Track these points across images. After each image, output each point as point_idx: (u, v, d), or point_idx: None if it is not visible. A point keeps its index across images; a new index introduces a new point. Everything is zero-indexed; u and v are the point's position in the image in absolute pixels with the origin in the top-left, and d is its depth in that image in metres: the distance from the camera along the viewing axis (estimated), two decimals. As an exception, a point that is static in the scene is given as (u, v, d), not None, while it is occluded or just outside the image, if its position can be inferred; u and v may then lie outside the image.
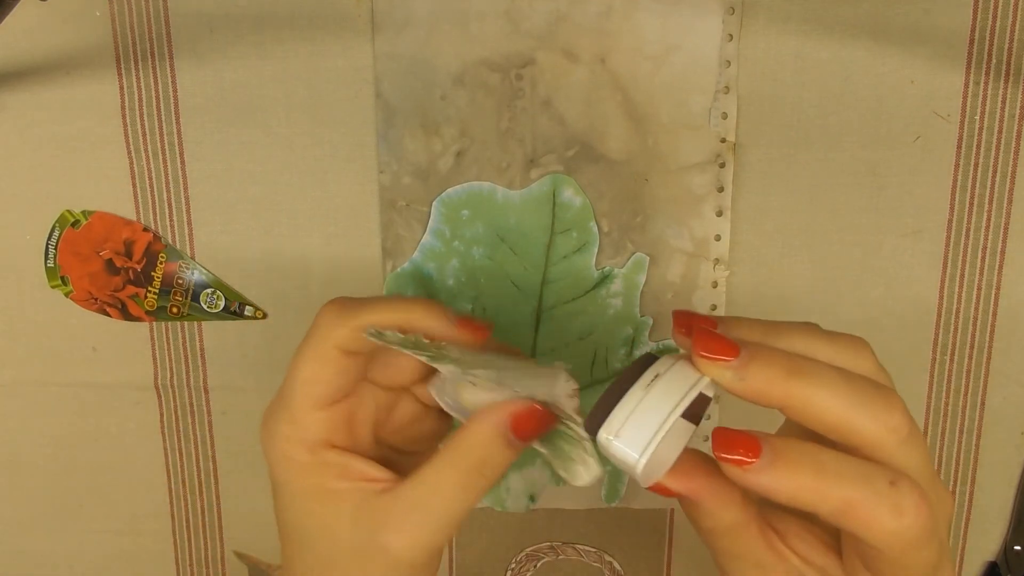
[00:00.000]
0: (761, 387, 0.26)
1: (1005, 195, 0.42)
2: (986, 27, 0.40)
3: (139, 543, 0.49)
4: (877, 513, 0.24)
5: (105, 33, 0.41)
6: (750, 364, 0.26)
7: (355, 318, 0.30)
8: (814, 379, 0.25)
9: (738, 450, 0.25)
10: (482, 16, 0.40)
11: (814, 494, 0.25)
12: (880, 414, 0.25)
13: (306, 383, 0.30)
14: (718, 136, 0.41)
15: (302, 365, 0.30)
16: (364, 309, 0.30)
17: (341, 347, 0.30)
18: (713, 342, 0.26)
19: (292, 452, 0.30)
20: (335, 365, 0.30)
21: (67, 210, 0.44)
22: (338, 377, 0.30)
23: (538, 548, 0.48)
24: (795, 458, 0.25)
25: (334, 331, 0.30)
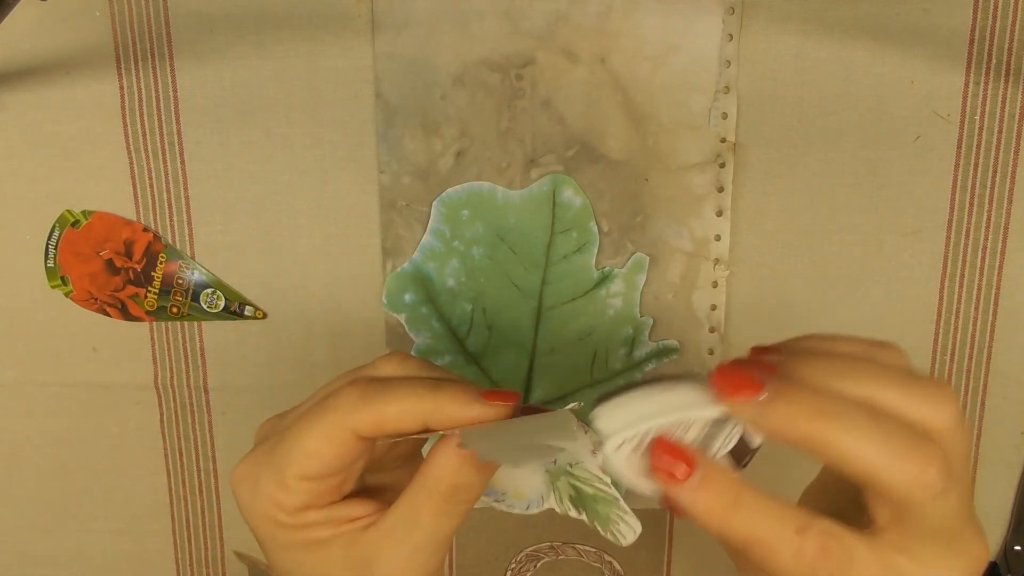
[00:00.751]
0: (782, 426, 0.25)
1: (1005, 195, 0.42)
2: (986, 27, 0.40)
3: (139, 543, 0.49)
4: (780, 553, 0.25)
5: (105, 33, 0.41)
6: (774, 402, 0.25)
7: (378, 406, 0.28)
8: (841, 422, 0.25)
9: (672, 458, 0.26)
10: (482, 16, 0.40)
11: (724, 524, 0.25)
12: (913, 468, 0.24)
13: (308, 456, 0.28)
14: (718, 136, 0.41)
15: (309, 438, 0.28)
16: (388, 397, 0.28)
17: (357, 433, 0.28)
18: (736, 376, 0.26)
19: (274, 514, 0.29)
20: (344, 448, 0.28)
21: (67, 210, 0.44)
22: (342, 458, 0.29)
23: (538, 548, 0.48)
24: (719, 486, 0.26)
25: (353, 416, 0.28)
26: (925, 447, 0.25)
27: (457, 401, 0.28)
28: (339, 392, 0.29)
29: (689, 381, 0.27)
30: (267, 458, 0.29)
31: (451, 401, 0.28)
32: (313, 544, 0.29)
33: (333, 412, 0.28)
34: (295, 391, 0.46)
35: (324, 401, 0.29)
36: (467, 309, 0.44)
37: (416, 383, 0.29)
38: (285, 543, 0.30)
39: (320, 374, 0.46)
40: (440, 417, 0.28)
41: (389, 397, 0.28)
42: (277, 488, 0.29)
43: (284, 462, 0.28)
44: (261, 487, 0.29)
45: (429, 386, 0.28)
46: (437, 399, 0.28)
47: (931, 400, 0.26)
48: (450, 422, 0.28)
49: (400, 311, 0.44)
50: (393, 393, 0.28)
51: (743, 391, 0.25)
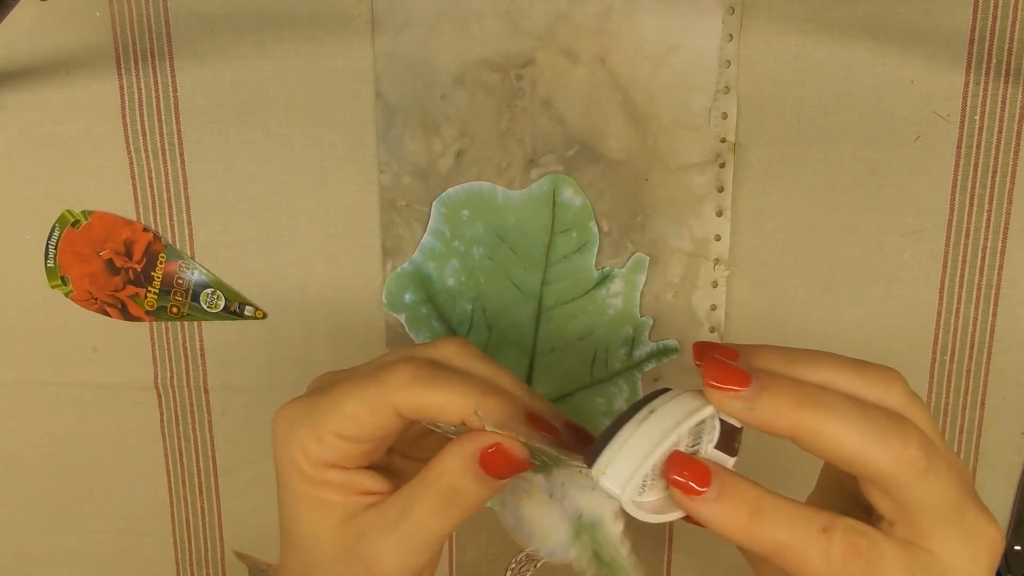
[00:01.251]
0: (771, 418, 0.26)
1: (1005, 195, 0.42)
2: (986, 27, 0.40)
3: (139, 543, 0.49)
4: (808, 557, 0.25)
5: (105, 33, 0.41)
6: (761, 394, 0.26)
7: (426, 391, 0.28)
8: (826, 410, 0.25)
9: (688, 475, 0.26)
10: (482, 16, 0.40)
11: (748, 534, 0.25)
12: (894, 446, 0.25)
13: (347, 418, 0.29)
14: (718, 136, 0.41)
15: (352, 400, 0.29)
16: (438, 386, 0.28)
17: (399, 410, 0.29)
18: (723, 371, 0.26)
19: (301, 462, 0.30)
20: (384, 420, 0.29)
21: (67, 210, 0.44)
22: (379, 429, 0.29)
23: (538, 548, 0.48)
24: (739, 496, 0.25)
25: (400, 393, 0.28)
26: (901, 426, 0.25)
27: (501, 413, 0.28)
28: (395, 366, 0.29)
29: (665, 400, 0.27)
30: (310, 408, 0.30)
31: (496, 410, 0.28)
32: (320, 504, 0.30)
33: (382, 384, 0.29)
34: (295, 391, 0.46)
35: (377, 372, 0.29)
36: (467, 309, 0.44)
37: (467, 382, 0.29)
38: (297, 492, 0.30)
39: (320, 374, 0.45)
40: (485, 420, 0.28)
41: (439, 386, 0.28)
42: (310, 437, 0.29)
43: (324, 416, 0.29)
44: (296, 431, 0.30)
45: (480, 388, 0.29)
46: (484, 404, 0.28)
47: (881, 382, 0.27)
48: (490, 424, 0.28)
49: (400, 311, 0.44)
50: (444, 383, 0.29)
51: (732, 384, 0.26)
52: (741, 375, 0.26)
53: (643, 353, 0.44)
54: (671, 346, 0.44)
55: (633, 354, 0.44)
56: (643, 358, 0.44)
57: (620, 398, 0.45)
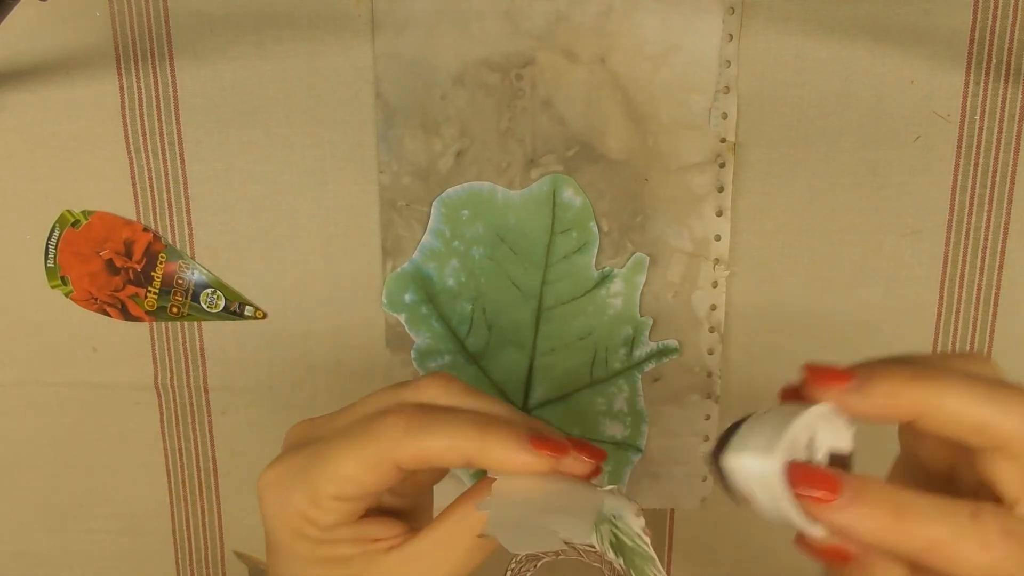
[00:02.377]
0: (886, 400, 0.25)
1: (1005, 195, 0.42)
2: (986, 27, 0.40)
3: (139, 543, 0.49)
4: (963, 549, 0.23)
5: (105, 33, 0.41)
6: (870, 379, 0.25)
7: (424, 440, 0.27)
8: (941, 381, 0.24)
9: (817, 487, 0.24)
10: (482, 16, 0.40)
11: (896, 534, 0.24)
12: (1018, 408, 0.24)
13: (347, 480, 0.28)
14: (718, 136, 0.41)
15: (350, 463, 0.28)
16: (435, 432, 0.27)
17: (399, 464, 0.28)
18: (825, 370, 0.26)
19: (303, 528, 0.29)
20: (384, 476, 0.28)
21: (67, 210, 0.44)
22: (381, 484, 0.28)
23: (538, 548, 0.48)
24: (876, 497, 0.24)
25: (398, 448, 0.27)
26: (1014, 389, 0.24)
27: (504, 446, 0.28)
28: (385, 420, 0.28)
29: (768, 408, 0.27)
30: (302, 472, 0.29)
31: (498, 445, 0.27)
32: (335, 560, 0.29)
33: (377, 441, 0.28)
34: (295, 391, 0.46)
35: (368, 426, 0.28)
36: (467, 309, 0.44)
37: (463, 420, 0.28)
38: (307, 556, 0.29)
39: (320, 374, 0.46)
40: (485, 459, 0.28)
41: (435, 432, 0.27)
42: (310, 505, 0.28)
43: (320, 481, 0.28)
44: (293, 500, 0.28)
45: (477, 425, 0.28)
46: (484, 440, 0.27)
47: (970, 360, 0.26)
48: (494, 465, 0.28)
49: (400, 311, 0.44)
50: (440, 428, 0.28)
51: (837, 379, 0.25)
52: (842, 371, 0.25)
53: (643, 353, 0.44)
54: (671, 346, 0.44)
55: (633, 354, 0.44)
56: (643, 358, 0.44)
57: (620, 398, 0.45)
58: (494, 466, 0.28)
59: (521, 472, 0.28)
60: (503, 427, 0.28)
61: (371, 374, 0.45)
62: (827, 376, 0.25)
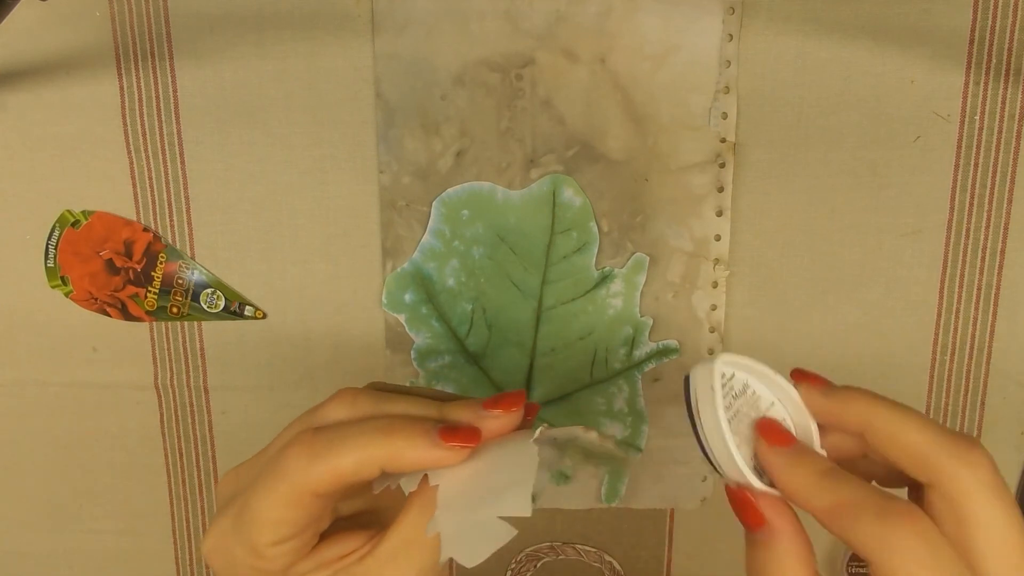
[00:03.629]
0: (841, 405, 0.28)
1: (1005, 195, 0.42)
2: (986, 27, 0.40)
3: (139, 543, 0.49)
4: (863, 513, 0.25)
5: (105, 33, 0.41)
6: (837, 388, 0.29)
7: (331, 461, 0.27)
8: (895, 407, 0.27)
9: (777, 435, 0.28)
10: (482, 16, 0.40)
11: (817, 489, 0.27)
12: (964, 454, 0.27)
13: (273, 525, 0.27)
14: (718, 136, 0.41)
15: (269, 507, 0.27)
16: (340, 449, 0.27)
17: (316, 492, 0.27)
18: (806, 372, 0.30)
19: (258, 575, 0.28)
20: (307, 508, 0.27)
21: (67, 210, 0.44)
22: (309, 516, 0.28)
23: (538, 548, 0.48)
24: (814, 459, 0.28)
25: (307, 477, 0.27)
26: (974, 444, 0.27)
27: (412, 445, 0.27)
28: (287, 453, 0.27)
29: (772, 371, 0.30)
30: (234, 529, 0.28)
31: (406, 445, 0.27)
32: None
33: (285, 476, 0.27)
34: (295, 391, 0.46)
35: (275, 465, 0.27)
36: (467, 309, 0.44)
37: (367, 428, 0.27)
38: None
39: (320, 374, 0.45)
40: (398, 464, 0.27)
41: (340, 449, 0.27)
42: (255, 558, 0.28)
43: (252, 533, 0.27)
44: (238, 559, 0.28)
45: (381, 430, 0.27)
46: (391, 444, 0.27)
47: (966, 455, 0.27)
48: (409, 467, 0.27)
49: (400, 311, 0.44)
50: (344, 444, 0.27)
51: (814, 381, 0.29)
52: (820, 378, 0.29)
53: (643, 353, 0.44)
54: (671, 346, 0.44)
55: (633, 354, 0.44)
56: (643, 358, 0.44)
57: (620, 398, 0.45)
58: (409, 468, 0.27)
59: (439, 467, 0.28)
60: (409, 427, 0.27)
61: (371, 374, 0.45)
62: (806, 375, 0.30)
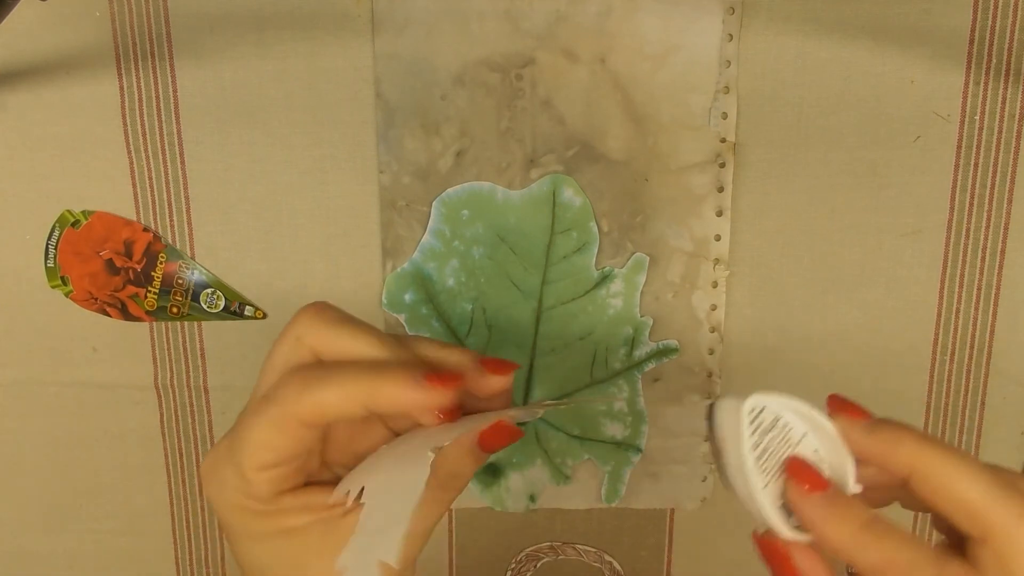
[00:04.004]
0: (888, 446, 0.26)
1: (1005, 195, 0.42)
2: (986, 27, 0.40)
3: (139, 543, 0.49)
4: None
5: (105, 33, 0.41)
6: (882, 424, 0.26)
7: (319, 393, 0.28)
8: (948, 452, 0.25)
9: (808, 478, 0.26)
10: (482, 16, 0.40)
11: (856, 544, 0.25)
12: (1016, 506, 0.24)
13: (259, 447, 0.28)
14: (718, 136, 0.41)
15: (256, 429, 0.28)
16: (328, 383, 0.28)
17: (302, 421, 0.28)
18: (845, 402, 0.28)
19: (246, 503, 0.29)
20: (293, 436, 0.28)
21: (67, 210, 0.44)
22: (294, 446, 0.28)
23: (538, 548, 0.48)
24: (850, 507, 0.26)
25: (296, 406, 0.28)
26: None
27: (397, 384, 0.28)
28: (282, 382, 0.28)
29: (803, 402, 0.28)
30: (227, 451, 0.29)
31: (391, 384, 0.28)
32: (290, 531, 0.29)
33: (277, 404, 0.28)
34: (295, 391, 0.46)
35: (271, 391, 0.29)
36: (467, 309, 0.44)
37: (359, 368, 0.28)
38: (260, 532, 0.30)
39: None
40: (380, 401, 0.28)
41: (329, 383, 0.28)
42: (240, 480, 0.29)
43: (240, 455, 0.28)
44: (226, 480, 0.29)
45: (371, 370, 0.28)
46: (376, 383, 0.28)
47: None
48: (391, 406, 0.28)
49: (400, 311, 0.44)
50: (333, 379, 0.28)
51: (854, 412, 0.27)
52: (861, 409, 0.27)
53: (643, 353, 0.44)
54: (671, 346, 0.44)
55: (633, 354, 0.44)
56: (643, 358, 0.44)
57: (620, 398, 0.45)
58: (389, 407, 0.28)
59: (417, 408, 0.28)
60: (395, 367, 0.28)
61: (371, 374, 0.45)
62: (845, 406, 0.27)
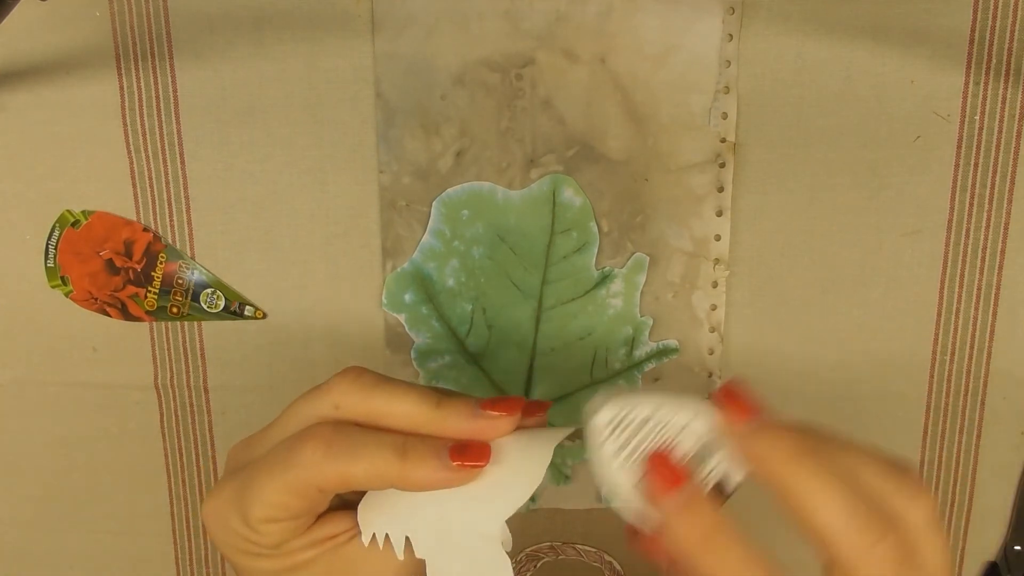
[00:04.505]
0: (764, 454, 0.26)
1: (1005, 195, 0.42)
2: (986, 27, 0.40)
3: (139, 543, 0.49)
4: None
5: (105, 33, 0.41)
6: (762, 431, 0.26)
7: (344, 466, 0.27)
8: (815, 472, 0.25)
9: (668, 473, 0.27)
10: (482, 16, 0.40)
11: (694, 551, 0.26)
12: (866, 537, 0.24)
13: (272, 506, 0.28)
14: (718, 136, 0.41)
15: (271, 489, 0.28)
16: (356, 457, 0.27)
17: (323, 489, 0.28)
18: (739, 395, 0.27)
19: (251, 548, 0.29)
20: (310, 501, 0.28)
21: (67, 210, 0.44)
22: (309, 506, 0.28)
23: (538, 548, 0.48)
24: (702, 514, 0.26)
25: (319, 475, 0.27)
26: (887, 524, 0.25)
27: (426, 467, 0.28)
28: (305, 445, 0.28)
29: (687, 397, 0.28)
30: (235, 499, 0.29)
31: (419, 467, 0.28)
32: (298, 566, 0.29)
33: (298, 468, 0.27)
34: (295, 391, 0.46)
35: (290, 453, 0.28)
36: (467, 309, 0.44)
37: (384, 444, 0.28)
38: (268, 570, 0.29)
39: (320, 374, 0.45)
40: (406, 483, 0.28)
41: (356, 457, 0.27)
42: (247, 530, 0.28)
43: (251, 508, 0.28)
44: (232, 526, 0.29)
45: (396, 449, 0.28)
46: (404, 465, 0.27)
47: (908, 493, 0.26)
48: (417, 487, 0.28)
49: (400, 311, 0.44)
50: (360, 452, 0.28)
51: (740, 409, 0.27)
52: (752, 406, 0.27)
53: (643, 353, 0.44)
54: (671, 346, 0.44)
55: (633, 354, 0.44)
56: (643, 358, 0.44)
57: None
58: (415, 488, 0.28)
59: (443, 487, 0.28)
60: (422, 448, 0.28)
61: (371, 374, 0.45)
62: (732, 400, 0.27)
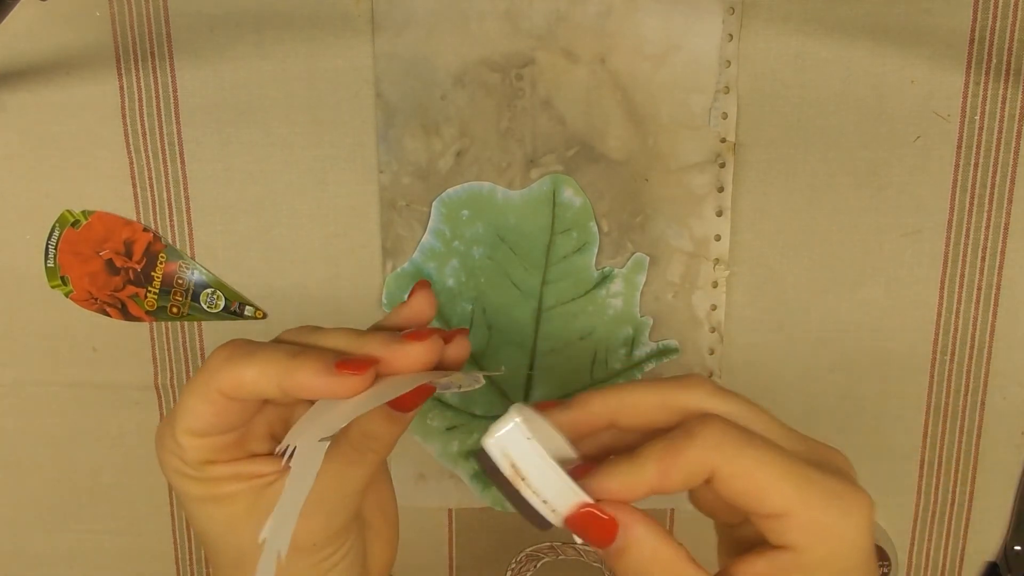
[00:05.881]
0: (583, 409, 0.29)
1: (1005, 195, 0.42)
2: (986, 27, 0.40)
3: (139, 543, 0.49)
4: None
5: (105, 33, 0.41)
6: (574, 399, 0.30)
7: (238, 368, 0.29)
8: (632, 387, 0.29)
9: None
10: (482, 16, 0.40)
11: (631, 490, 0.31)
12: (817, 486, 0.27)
13: (187, 413, 0.29)
14: (718, 136, 0.41)
15: (185, 395, 0.30)
16: (249, 360, 0.29)
17: (223, 392, 0.29)
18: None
19: (179, 466, 0.30)
20: (216, 406, 0.29)
21: (67, 210, 0.44)
22: (218, 417, 0.29)
23: (538, 548, 0.48)
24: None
25: (216, 376, 0.29)
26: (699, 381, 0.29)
27: (308, 369, 0.28)
28: (213, 354, 0.29)
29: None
30: (168, 417, 0.31)
31: (302, 369, 0.28)
32: (221, 498, 0.30)
33: (203, 372, 0.29)
34: (295, 391, 0.46)
35: (202, 364, 0.30)
36: (467, 309, 0.44)
37: (280, 350, 0.29)
38: (195, 496, 0.31)
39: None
40: (292, 384, 0.28)
41: (250, 360, 0.29)
42: (175, 444, 0.30)
43: (174, 419, 0.30)
44: (165, 443, 0.30)
45: (289, 353, 0.29)
46: (290, 366, 0.28)
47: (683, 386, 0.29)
48: (302, 391, 0.28)
49: (400, 311, 0.44)
50: (255, 357, 0.29)
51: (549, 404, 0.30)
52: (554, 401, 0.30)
53: (643, 353, 0.44)
54: (671, 346, 0.44)
55: (633, 354, 0.44)
56: (643, 358, 0.44)
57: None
58: (300, 392, 0.29)
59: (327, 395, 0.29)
60: (313, 355, 0.29)
61: (371, 374, 0.45)
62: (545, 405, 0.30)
